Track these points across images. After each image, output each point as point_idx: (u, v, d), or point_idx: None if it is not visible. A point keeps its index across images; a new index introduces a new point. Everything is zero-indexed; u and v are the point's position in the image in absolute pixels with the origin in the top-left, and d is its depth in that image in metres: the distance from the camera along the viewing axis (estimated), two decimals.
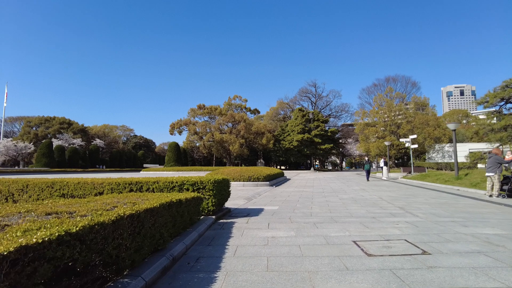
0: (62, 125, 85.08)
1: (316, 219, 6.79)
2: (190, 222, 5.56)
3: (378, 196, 11.88)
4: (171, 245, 4.28)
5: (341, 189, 15.24)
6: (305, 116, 60.81)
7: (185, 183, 6.80)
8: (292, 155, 61.52)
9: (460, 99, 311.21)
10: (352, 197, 11.46)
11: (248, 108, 63.74)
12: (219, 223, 6.50)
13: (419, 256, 4.03)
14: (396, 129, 45.16)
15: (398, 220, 6.63)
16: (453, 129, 18.58)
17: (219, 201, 7.14)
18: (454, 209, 8.30)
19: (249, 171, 17.28)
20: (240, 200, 10.46)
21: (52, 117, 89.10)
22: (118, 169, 62.96)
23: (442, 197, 11.31)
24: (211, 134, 55.19)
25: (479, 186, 14.48)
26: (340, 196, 11.84)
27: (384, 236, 5.13)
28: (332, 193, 13.13)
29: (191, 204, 5.49)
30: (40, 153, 60.50)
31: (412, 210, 8.02)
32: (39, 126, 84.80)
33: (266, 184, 16.69)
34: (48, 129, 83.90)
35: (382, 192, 13.39)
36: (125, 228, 3.14)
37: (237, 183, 16.37)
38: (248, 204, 9.51)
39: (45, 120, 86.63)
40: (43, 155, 60.41)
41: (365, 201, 10.13)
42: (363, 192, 13.48)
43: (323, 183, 20.06)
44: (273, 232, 5.58)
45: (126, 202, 4.42)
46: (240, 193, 12.67)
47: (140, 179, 7.21)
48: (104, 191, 7.33)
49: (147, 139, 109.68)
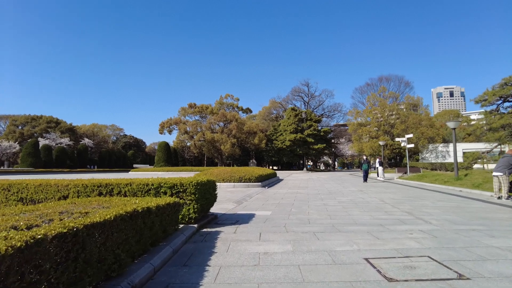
0: (50, 124, 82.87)
1: (315, 228, 5.84)
2: (164, 234, 4.54)
3: (379, 198, 11.00)
4: (132, 269, 3.26)
5: (338, 191, 14.35)
6: (298, 115, 60.02)
7: (162, 185, 5.79)
8: (284, 155, 60.65)
9: (450, 100, 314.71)
10: (351, 200, 10.55)
11: (240, 107, 62.63)
12: (202, 233, 5.50)
13: (456, 282, 3.10)
14: (389, 128, 44.66)
15: (410, 228, 5.72)
16: (453, 128, 17.88)
17: (203, 207, 6.14)
18: (467, 214, 7.44)
19: (240, 172, 16.29)
20: (229, 203, 9.46)
21: (39, 115, 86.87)
22: (107, 169, 61.32)
23: (449, 200, 10.47)
24: (202, 133, 53.91)
25: (482, 187, 13.73)
26: (339, 199, 10.92)
27: (401, 251, 4.20)
28: (329, 195, 12.22)
29: (165, 212, 4.49)
30: (25, 152, 58.64)
31: (423, 216, 7.13)
32: (25, 125, 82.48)
33: (258, 185, 15.72)
34: (34, 128, 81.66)
35: (382, 194, 12.53)
36: (48, 256, 2.13)
37: (227, 184, 15.36)
38: (238, 209, 8.52)
39: (31, 119, 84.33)
40: (28, 155, 58.61)
41: (366, 205, 9.23)
42: (361, 194, 12.60)
43: (317, 184, 19.17)
44: (265, 245, 4.61)
45: (75, 211, 3.39)
46: (229, 195, 11.67)
47: (111, 180, 6.18)
48: (70, 195, 6.29)
49: (137, 139, 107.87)
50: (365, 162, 19.90)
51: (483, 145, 28.60)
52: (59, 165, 60.85)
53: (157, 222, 4.17)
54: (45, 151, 63.27)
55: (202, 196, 5.98)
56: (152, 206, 4.00)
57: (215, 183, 7.11)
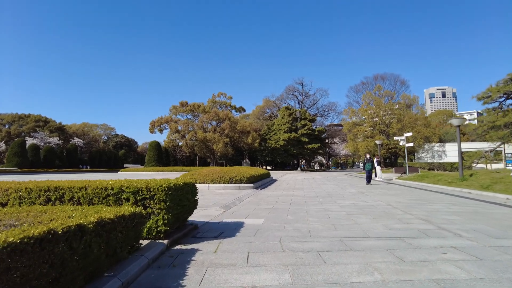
0: (38, 123, 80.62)
1: (319, 244, 4.61)
2: (115, 259, 3.28)
3: (384, 202, 9.84)
4: None
5: (337, 193, 13.18)
6: (292, 114, 58.88)
7: (124, 190, 4.52)
8: (278, 154, 59.45)
9: (442, 100, 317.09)
10: (354, 204, 9.37)
11: (233, 106, 61.18)
12: (173, 252, 4.24)
13: None
14: (385, 128, 43.76)
15: (439, 244, 4.52)
16: (457, 125, 16.89)
17: (177, 216, 4.89)
18: (495, 222, 6.29)
19: (231, 172, 15.03)
20: (215, 208, 8.20)
21: (27, 114, 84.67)
22: (96, 169, 59.47)
23: (463, 204, 9.33)
24: (193, 132, 52.39)
25: (492, 189, 12.69)
26: (340, 203, 9.73)
27: (443, 284, 3.00)
28: (328, 198, 11.02)
29: (116, 228, 3.22)
30: (11, 152, 56.73)
31: (444, 225, 5.96)
32: (12, 124, 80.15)
33: (250, 187, 14.48)
34: (22, 127, 79.40)
35: (386, 197, 11.37)
36: None
37: (216, 186, 14.09)
38: (225, 215, 7.27)
39: (19, 118, 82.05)
40: (14, 155, 56.77)
41: (373, 210, 8.05)
42: (363, 197, 11.43)
43: (314, 185, 18.00)
44: (254, 273, 3.37)
45: None
46: (217, 199, 10.42)
47: (63, 184, 4.90)
48: (10, 202, 5.00)
49: (129, 138, 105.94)
50: (368, 162, 17.91)
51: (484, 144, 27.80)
52: (47, 165, 58.94)
53: (98, 245, 2.91)
54: (33, 150, 61.43)
55: (176, 204, 4.73)
56: (87, 224, 2.74)
57: (195, 186, 5.84)
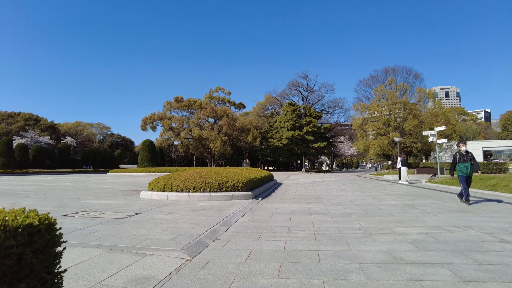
0: (28, 121, 76.85)
1: None
2: None
3: (478, 228, 5.72)
4: None
5: (374, 207, 9.04)
6: (296, 111, 54.75)
7: None
8: (281, 154, 55.26)
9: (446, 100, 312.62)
10: (430, 235, 5.26)
11: (232, 102, 56.91)
12: None
13: None
14: (400, 124, 39.57)
15: None
16: None
17: None
18: None
19: (221, 175, 10.88)
20: (170, 252, 4.09)
21: (17, 112, 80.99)
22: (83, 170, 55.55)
23: None
24: (188, 130, 48.26)
25: None
26: (399, 231, 5.60)
27: None
28: (371, 219, 6.91)
29: None
30: None
31: None
32: (0, 122, 76.29)
33: (246, 196, 10.34)
34: (11, 125, 75.60)
35: (459, 216, 7.24)
36: None
37: (200, 195, 9.95)
38: (179, 281, 3.16)
39: (8, 116, 78.33)
40: (1, 154, 53.32)
41: (482, 255, 3.94)
42: (422, 216, 7.31)
43: (331, 192, 13.90)
44: None
45: None
46: (191, 221, 6.33)
47: None
48: None
49: (125, 138, 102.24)
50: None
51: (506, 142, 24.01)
52: (36, 165, 55.40)
53: None
54: (20, 150, 58.00)
55: None
56: None
57: (56, 237, 1.74)
